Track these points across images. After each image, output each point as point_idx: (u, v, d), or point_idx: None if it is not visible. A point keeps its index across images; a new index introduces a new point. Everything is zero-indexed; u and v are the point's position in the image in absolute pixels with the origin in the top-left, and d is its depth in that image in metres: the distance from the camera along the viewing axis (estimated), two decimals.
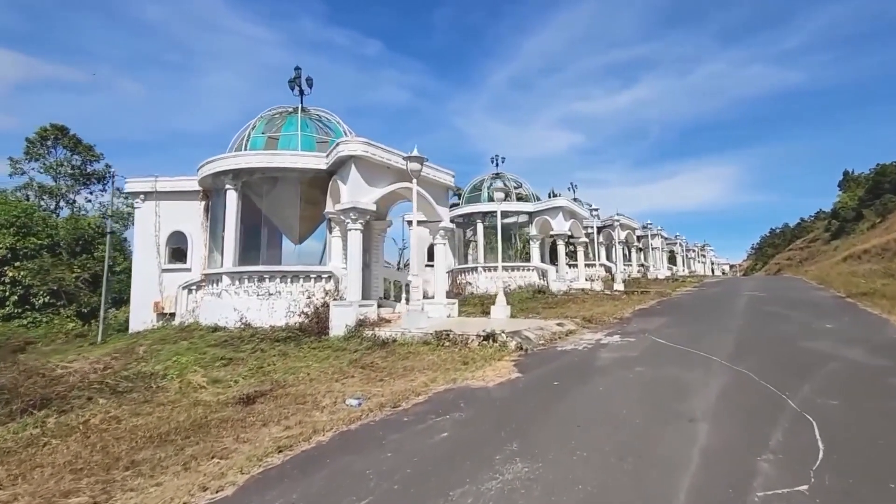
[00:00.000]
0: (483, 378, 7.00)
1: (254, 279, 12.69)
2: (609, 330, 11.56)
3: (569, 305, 17.64)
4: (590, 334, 10.96)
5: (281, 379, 7.62)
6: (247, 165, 12.84)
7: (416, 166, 10.94)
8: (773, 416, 4.94)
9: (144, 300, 14.97)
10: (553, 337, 10.30)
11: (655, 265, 42.83)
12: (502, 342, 9.33)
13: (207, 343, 10.92)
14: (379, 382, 7.15)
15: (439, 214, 14.48)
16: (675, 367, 7.21)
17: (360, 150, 11.70)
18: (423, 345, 9.80)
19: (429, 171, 13.92)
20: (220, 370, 8.49)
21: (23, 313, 18.88)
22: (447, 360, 8.52)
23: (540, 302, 19.13)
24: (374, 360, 8.71)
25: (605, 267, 36.52)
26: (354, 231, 11.72)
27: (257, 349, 10.01)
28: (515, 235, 26.01)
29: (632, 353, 8.54)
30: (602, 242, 37.60)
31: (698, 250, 65.22)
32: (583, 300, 19.07)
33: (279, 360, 9.04)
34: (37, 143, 26.10)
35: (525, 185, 27.18)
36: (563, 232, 23.61)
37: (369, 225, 15.20)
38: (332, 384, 7.14)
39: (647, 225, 42.75)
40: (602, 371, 7.18)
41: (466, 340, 9.65)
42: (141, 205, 15.35)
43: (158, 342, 11.60)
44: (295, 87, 15.48)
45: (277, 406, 6.10)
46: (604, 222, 36.56)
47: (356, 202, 11.64)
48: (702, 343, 9.16)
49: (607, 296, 21.11)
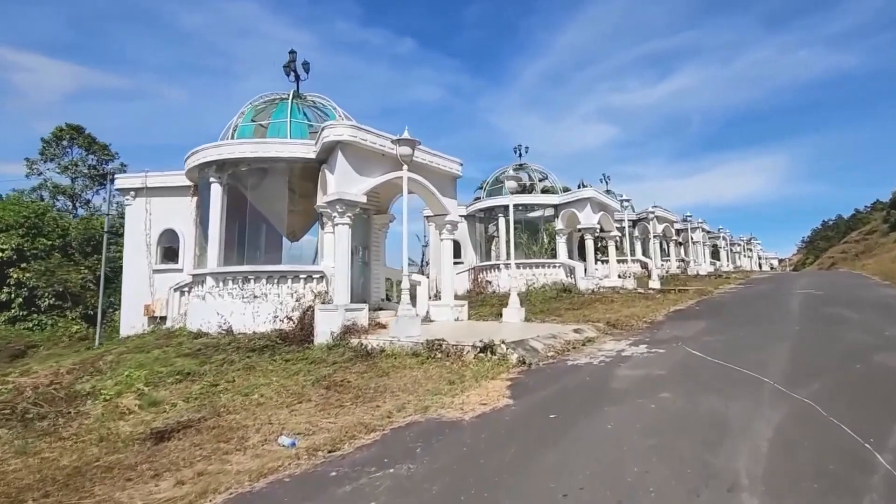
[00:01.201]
0: (463, 406, 5.55)
1: (238, 280, 11.58)
2: (635, 337, 9.89)
3: (595, 306, 15.92)
4: (611, 343, 9.33)
5: (227, 402, 6.38)
6: (230, 156, 11.73)
7: (407, 150, 9.54)
8: (855, 482, 3.33)
9: (135, 303, 14.14)
10: (566, 347, 8.74)
11: (696, 260, 40.14)
12: (502, 355, 7.84)
13: (179, 353, 9.85)
14: (336, 410, 5.80)
15: (444, 207, 13.05)
16: (713, 394, 5.57)
17: (346, 134, 10.39)
18: (411, 357, 8.41)
19: (431, 159, 12.51)
20: (168, 388, 7.34)
21: (28, 315, 18.52)
22: (432, 377, 7.12)
23: (564, 302, 17.47)
24: (348, 377, 7.38)
25: (640, 263, 34.28)
26: (342, 226, 10.42)
27: (226, 361, 8.84)
28: (541, 230, 24.27)
29: (658, 370, 6.91)
30: (637, 237, 35.36)
31: (744, 244, 61.54)
32: (612, 300, 17.29)
33: (241, 375, 7.83)
34: (52, 143, 26.11)
35: (551, 176, 25.45)
36: (592, 225, 21.77)
37: (368, 219, 13.92)
38: (279, 411, 5.84)
39: (687, 217, 40.10)
40: (616, 397, 5.62)
41: (461, 352, 8.20)
42: (132, 202, 14.54)
43: (133, 350, 10.63)
44: (290, 72, 14.33)
45: (192, 445, 4.83)
46: (639, 215, 34.34)
47: (343, 193, 10.34)
48: (748, 356, 7.44)
49: (640, 295, 19.23)
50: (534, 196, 24.03)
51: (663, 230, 34.64)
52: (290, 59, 14.22)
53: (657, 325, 11.68)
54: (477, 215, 25.29)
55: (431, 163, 12.49)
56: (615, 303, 16.66)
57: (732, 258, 54.31)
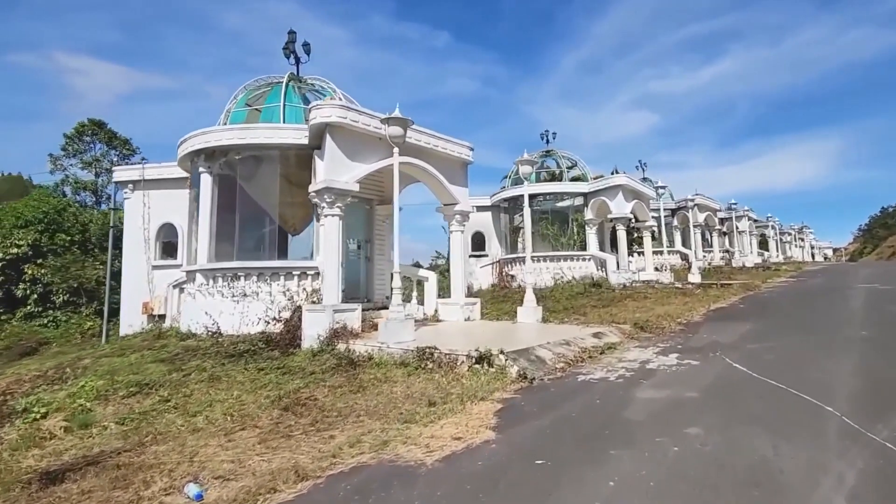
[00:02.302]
0: (431, 442, 4.41)
1: (227, 278, 10.75)
2: (665, 343, 8.49)
3: (625, 304, 14.45)
4: (636, 351, 7.98)
5: (164, 426, 5.43)
6: (217, 143, 10.86)
7: (397, 131, 8.38)
8: None
9: (134, 301, 13.58)
10: (580, 356, 7.45)
11: (742, 251, 37.54)
12: (500, 367, 6.64)
13: (156, 357, 9.07)
14: (280, 441, 4.76)
15: (453, 196, 11.87)
16: (758, 431, 4.24)
17: (335, 115, 9.32)
18: (398, 367, 7.32)
19: (436, 143, 11.34)
20: (116, 404, 6.48)
21: (43, 312, 18.39)
22: (413, 395, 6.00)
23: (591, 298, 16.03)
24: (317, 393, 6.34)
25: (680, 254, 32.22)
26: (331, 217, 9.39)
27: (198, 369, 7.95)
28: (570, 220, 22.74)
29: (688, 390, 5.58)
30: (676, 226, 33.23)
31: (795, 233, 57.79)
32: (645, 296, 15.73)
33: (203, 388, 6.90)
34: (74, 138, 26.23)
35: (580, 163, 23.82)
36: (624, 215, 20.11)
37: (371, 210, 12.88)
38: (213, 441, 4.84)
39: (732, 205, 37.52)
40: (629, 434, 4.36)
41: (455, 362, 7.05)
42: (130, 195, 13.97)
43: (114, 353, 9.96)
44: (290, 54, 13.38)
45: (81, 493, 3.87)
46: (678, 203, 32.22)
47: (331, 181, 9.30)
48: (805, 373, 6.01)
49: (677, 290, 17.55)
50: (560, 184, 22.50)
51: (705, 219, 32.38)
52: (289, 40, 13.25)
53: (693, 327, 10.20)
54: (501, 205, 23.97)
55: (437, 147, 11.32)
56: (648, 299, 15.12)
57: (782, 248, 50.95)
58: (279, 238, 11.34)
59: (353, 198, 12.48)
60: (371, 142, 9.98)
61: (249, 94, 12.47)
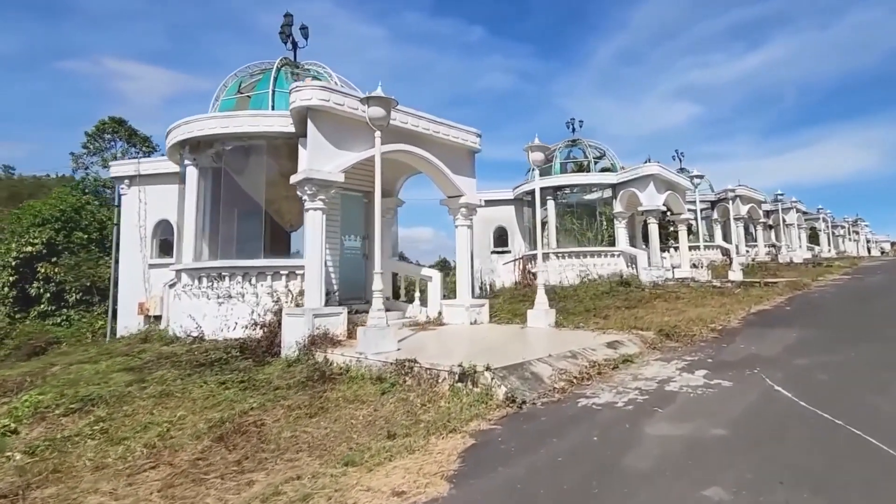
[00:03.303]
0: (361, 501, 3.39)
1: (212, 278, 10.00)
2: (693, 356, 7.21)
3: (653, 305, 13.07)
4: (656, 365, 6.74)
5: (74, 460, 4.59)
6: (200, 133, 10.10)
7: (378, 112, 7.34)
8: None
9: (131, 301, 13.08)
10: (586, 372, 6.28)
11: (790, 245, 35.01)
12: (485, 387, 5.55)
13: (126, 365, 8.38)
14: (186, 489, 3.83)
15: (457, 187, 10.79)
16: (807, 493, 3.03)
17: (316, 98, 8.38)
18: (373, 383, 6.34)
19: (438, 129, 10.28)
20: (52, 423, 5.72)
21: (56, 311, 18.28)
22: (374, 422, 5.01)
23: (617, 298, 14.66)
24: (267, 417, 5.42)
25: (721, 249, 30.20)
26: (313, 211, 8.46)
27: (159, 381, 7.16)
28: (598, 214, 21.28)
29: (714, 425, 4.37)
30: (717, 219, 31.18)
31: (849, 226, 54.09)
32: (677, 296, 14.26)
33: (150, 405, 6.08)
34: (95, 136, 26.41)
35: (609, 153, 22.26)
36: (656, 207, 18.55)
37: (369, 204, 11.91)
38: (108, 486, 3.96)
39: (779, 197, 34.96)
40: (626, 494, 3.22)
41: (436, 378, 6.01)
42: (126, 191, 13.49)
43: (88, 359, 9.36)
44: (287, 38, 12.55)
45: None
46: (718, 195, 30.18)
47: (312, 171, 8.36)
48: (872, 400, 4.71)
49: (715, 289, 15.96)
50: (585, 175, 21.03)
51: (748, 211, 30.21)
52: (285, 23, 12.42)
53: (728, 334, 8.82)
54: (524, 198, 22.68)
55: (438, 133, 10.26)
56: (680, 300, 13.66)
57: (835, 242, 47.64)
58: (268, 235, 10.54)
59: (354, 191, 11.63)
60: (360, 128, 8.99)
61: (243, 81, 11.69)
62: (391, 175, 11.77)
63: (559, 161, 21.72)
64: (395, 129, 9.49)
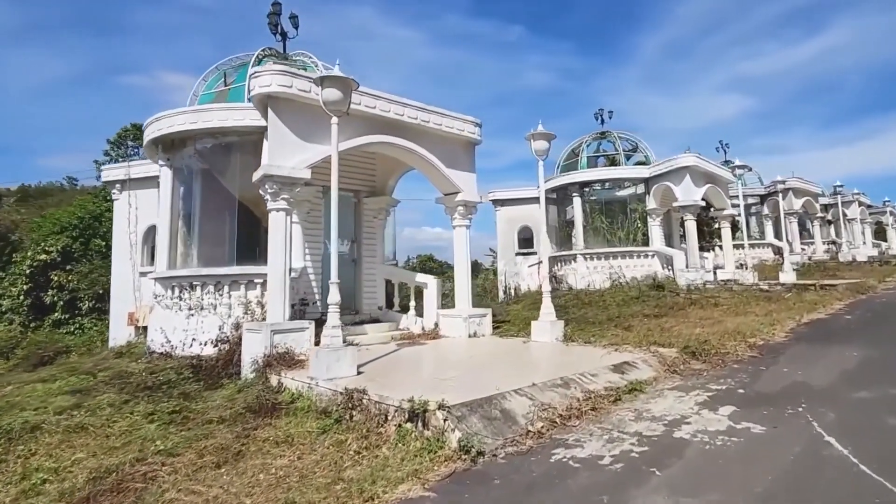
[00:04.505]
0: None
1: (183, 287, 9.19)
2: (720, 384, 5.76)
3: (686, 312, 11.49)
4: (670, 398, 5.36)
5: None
6: (169, 130, 9.29)
7: (334, 94, 6.23)
8: None
9: (122, 311, 12.54)
10: (576, 409, 4.97)
11: (852, 242, 31.84)
12: (437, 430, 4.35)
13: (76, 386, 7.63)
14: None
15: (453, 183, 9.61)
16: None
17: (275, 84, 7.38)
18: (318, 417, 5.26)
19: (428, 118, 9.12)
20: None
21: (70, 319, 18.16)
22: (284, 481, 3.94)
23: (647, 304, 13.12)
24: (159, 468, 4.40)
25: (773, 248, 27.74)
26: (275, 213, 7.46)
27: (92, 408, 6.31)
28: (629, 211, 19.55)
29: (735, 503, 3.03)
30: (768, 215, 28.62)
31: None
32: (715, 302, 12.57)
33: (55, 443, 5.19)
34: (117, 143, 26.65)
35: (642, 144, 20.51)
36: (693, 202, 16.73)
37: (359, 203, 10.88)
38: None
39: (838, 189, 31.87)
40: None
41: (385, 415, 4.86)
42: (118, 195, 12.99)
43: (49, 377, 8.68)
44: (275, 28, 11.68)
45: None
46: (768, 188, 27.70)
47: (273, 167, 7.36)
48: None
49: (762, 293, 14.13)
50: (613, 170, 19.36)
51: (803, 205, 27.53)
52: (273, 12, 11.55)
53: (771, 352, 7.26)
54: (549, 196, 21.18)
55: (428, 123, 9.11)
56: (718, 307, 11.99)
57: None
58: (245, 240, 9.61)
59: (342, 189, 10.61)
60: None
61: (228, 74, 10.86)
62: (383, 171, 10.71)
63: (586, 155, 20.14)
64: (375, 117, 8.43)
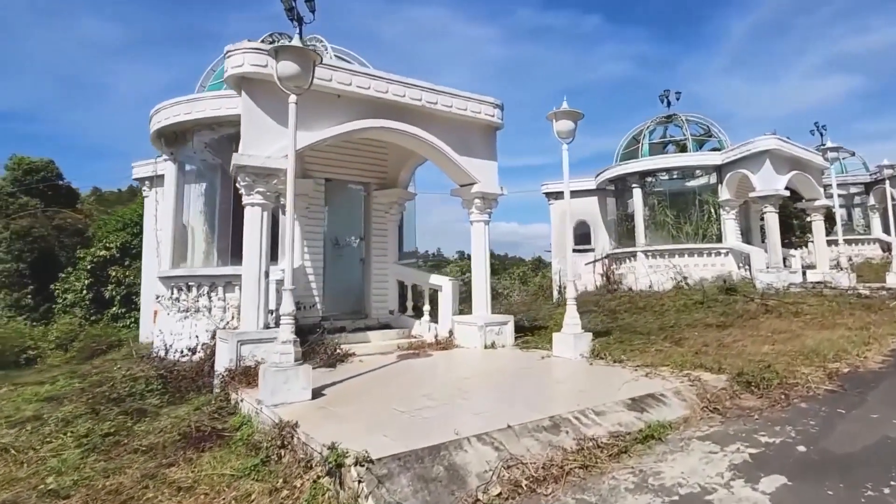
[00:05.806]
0: None
1: (181, 288, 8.73)
2: (773, 435, 4.25)
3: (756, 322, 9.63)
4: (696, 454, 3.94)
5: None
6: (167, 122, 8.83)
7: (291, 69, 5.25)
8: None
9: (149, 309, 12.49)
10: (557, 466, 3.71)
11: None
12: (351, 494, 3.29)
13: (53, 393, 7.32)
14: None
15: (468, 173, 8.45)
16: None
17: (249, 65, 6.59)
18: (249, 454, 4.38)
19: (436, 100, 8.01)
20: None
21: (127, 313, 18.79)
22: None
23: (711, 312, 11.26)
24: None
25: (881, 243, 24.01)
26: (250, 207, 6.68)
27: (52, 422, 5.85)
28: (699, 203, 17.30)
29: None
30: (875, 206, 24.81)
31: None
32: (795, 311, 10.50)
33: None
34: None
35: (714, 128, 18.15)
36: (774, 191, 14.37)
37: (368, 197, 9.95)
38: None
39: None
40: None
41: (309, 462, 3.86)
42: (148, 193, 12.99)
43: (49, 378, 8.51)
44: (291, 13, 11.01)
45: None
46: (873, 175, 23.95)
47: (245, 157, 6.57)
48: None
49: (858, 299, 11.78)
50: (677, 157, 17.16)
51: None
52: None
53: (858, 385, 5.52)
54: (607, 188, 19.34)
55: (436, 105, 8.01)
56: (800, 316, 9.99)
57: None
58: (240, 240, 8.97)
59: (352, 182, 9.80)
60: (323, 101, 7.10)
61: None
62: (396, 162, 9.71)
63: (648, 141, 18.09)
64: (370, 99, 7.46)
